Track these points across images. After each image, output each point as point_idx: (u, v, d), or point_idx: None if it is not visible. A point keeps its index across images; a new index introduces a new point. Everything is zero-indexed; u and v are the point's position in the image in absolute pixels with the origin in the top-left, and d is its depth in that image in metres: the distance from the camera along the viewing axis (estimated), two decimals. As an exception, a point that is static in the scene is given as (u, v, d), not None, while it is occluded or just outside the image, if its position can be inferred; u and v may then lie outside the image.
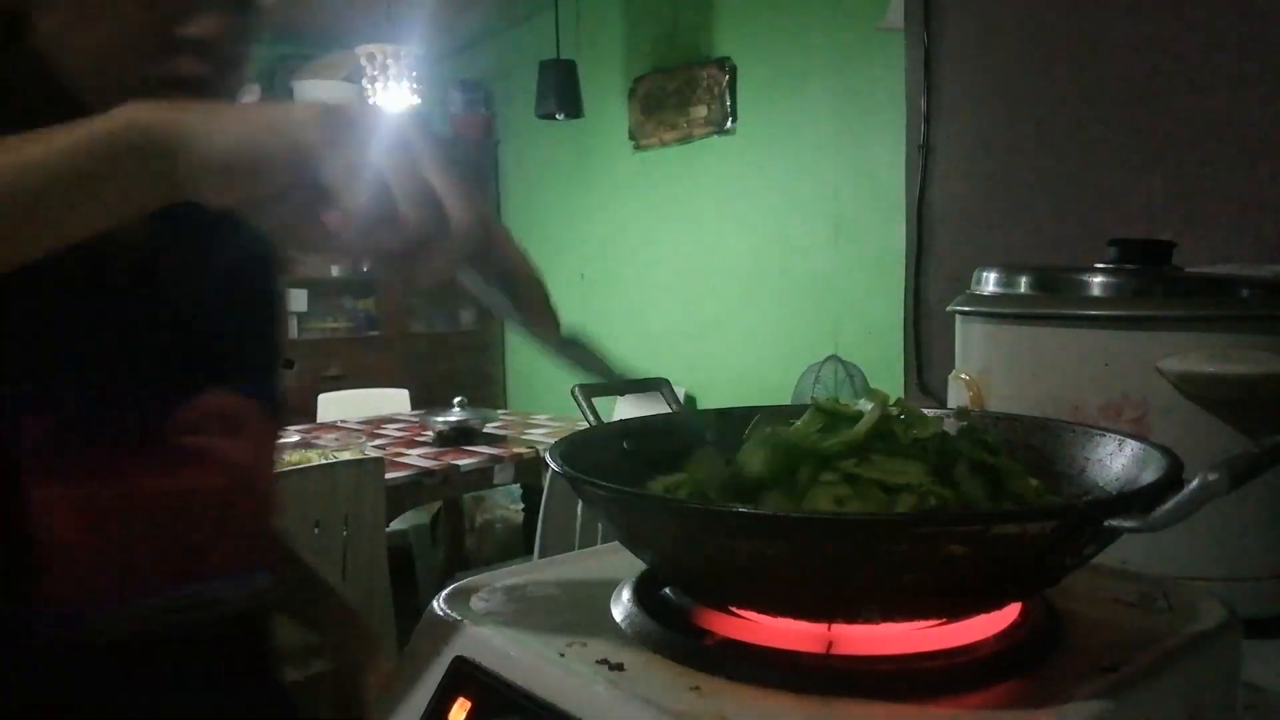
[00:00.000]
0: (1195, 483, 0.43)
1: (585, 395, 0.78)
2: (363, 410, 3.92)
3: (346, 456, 2.43)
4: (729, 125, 3.91)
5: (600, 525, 1.86)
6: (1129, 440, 0.58)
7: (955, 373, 0.91)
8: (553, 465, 0.56)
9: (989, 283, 0.89)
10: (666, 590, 0.59)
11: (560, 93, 3.86)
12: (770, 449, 0.54)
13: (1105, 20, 1.28)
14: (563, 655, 0.51)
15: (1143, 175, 1.24)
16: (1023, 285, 0.86)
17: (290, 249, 0.84)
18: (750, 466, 0.54)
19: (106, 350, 0.70)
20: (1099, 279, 0.80)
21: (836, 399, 0.60)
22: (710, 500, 0.54)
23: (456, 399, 3.13)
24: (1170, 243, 0.85)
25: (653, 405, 0.78)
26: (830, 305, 3.55)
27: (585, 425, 0.71)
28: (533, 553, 2.30)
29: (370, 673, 0.87)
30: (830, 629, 0.50)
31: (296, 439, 3.05)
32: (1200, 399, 0.75)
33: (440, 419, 3.08)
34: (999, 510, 0.52)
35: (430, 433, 3.13)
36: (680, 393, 0.89)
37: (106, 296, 0.71)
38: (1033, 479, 0.57)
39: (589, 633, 0.54)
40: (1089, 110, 1.31)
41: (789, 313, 3.72)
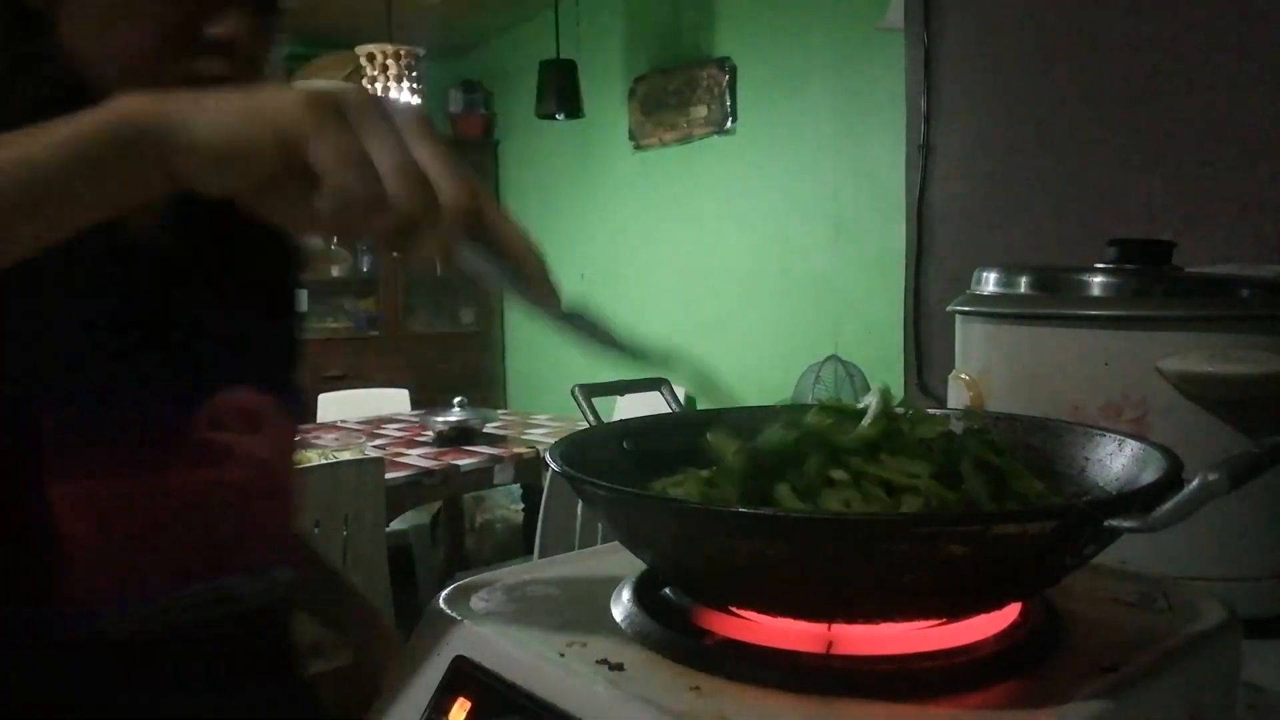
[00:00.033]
0: (1195, 483, 0.43)
1: (585, 395, 0.78)
2: (363, 410, 3.92)
3: (346, 456, 2.44)
4: (729, 125, 3.91)
5: (600, 525, 1.86)
6: (1129, 440, 0.58)
7: (955, 373, 0.91)
8: (553, 465, 0.56)
9: (989, 283, 0.89)
10: (666, 590, 0.59)
11: (560, 93, 3.86)
12: (786, 431, 0.54)
13: (1105, 20, 1.28)
14: (563, 655, 0.51)
15: (1143, 175, 1.24)
16: (1023, 285, 0.86)
17: (290, 233, 0.84)
18: (766, 443, 0.54)
19: (126, 347, 0.70)
20: (1099, 279, 0.80)
21: (838, 399, 0.60)
22: (716, 488, 0.54)
23: (456, 399, 3.13)
24: (1170, 243, 0.85)
25: (653, 405, 0.78)
26: (830, 305, 3.55)
27: (585, 425, 0.71)
28: (533, 553, 2.30)
29: (391, 671, 0.88)
30: (830, 629, 0.50)
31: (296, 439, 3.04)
32: (1200, 399, 0.75)
33: (440, 419, 3.08)
34: (999, 510, 0.52)
35: (430, 433, 3.13)
36: (680, 393, 0.88)
37: (126, 294, 0.72)
38: (1036, 481, 0.57)
39: (589, 633, 0.54)
40: (1089, 110, 1.31)
41: (789, 313, 3.72)
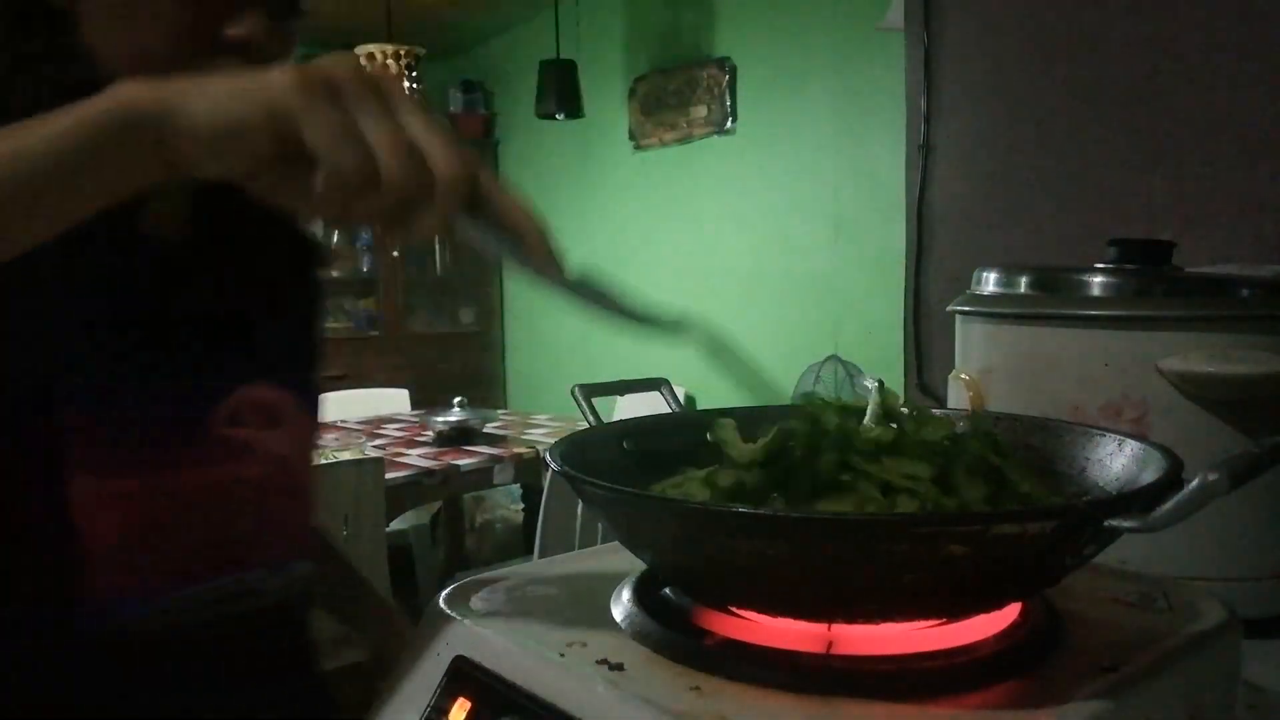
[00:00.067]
0: (1195, 483, 0.43)
1: (585, 395, 0.78)
2: (363, 410, 3.92)
3: (346, 456, 2.43)
4: (729, 125, 3.91)
5: (600, 525, 1.86)
6: (1129, 440, 0.58)
7: (955, 373, 0.91)
8: (553, 465, 0.56)
9: (989, 283, 0.89)
10: (666, 590, 0.59)
11: (560, 93, 3.86)
12: (801, 425, 0.54)
13: (1105, 20, 1.28)
14: (563, 655, 0.51)
15: (1143, 175, 1.24)
16: (1023, 285, 0.86)
17: (294, 218, 0.84)
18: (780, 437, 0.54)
19: (143, 344, 0.71)
20: (1099, 279, 0.80)
21: (839, 398, 0.60)
22: (716, 489, 0.54)
23: (456, 399, 3.13)
24: (1170, 243, 0.85)
25: (653, 405, 0.78)
26: (830, 305, 3.55)
27: (585, 425, 0.71)
28: (533, 553, 2.30)
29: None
30: (830, 629, 0.50)
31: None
32: (1200, 399, 0.75)
33: (440, 419, 3.08)
34: (999, 510, 0.52)
35: (430, 433, 3.13)
36: (680, 393, 0.89)
37: (146, 290, 0.72)
38: (1037, 483, 0.57)
39: (589, 633, 0.54)
40: (1089, 110, 1.31)
41: (789, 313, 3.72)
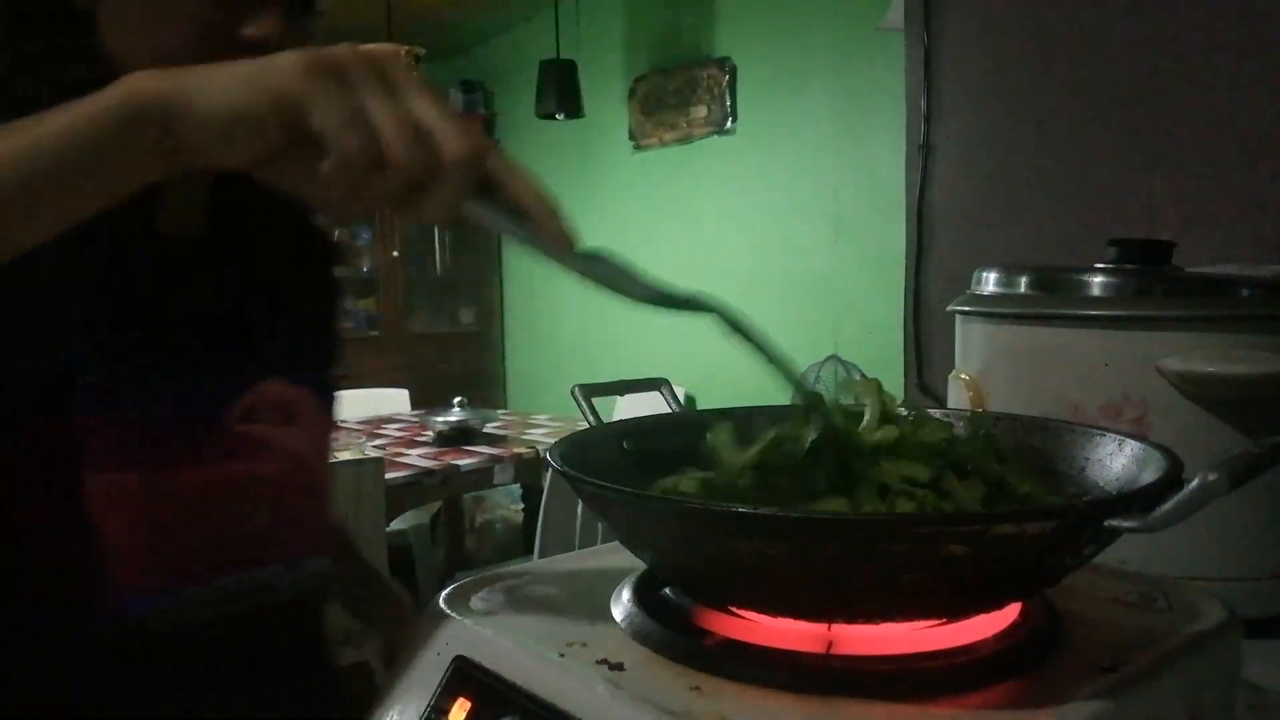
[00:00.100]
0: (1195, 483, 0.43)
1: (585, 395, 0.78)
2: (363, 410, 3.91)
3: (346, 456, 2.43)
4: (729, 125, 3.91)
5: (600, 525, 1.86)
6: (1129, 440, 0.58)
7: (955, 373, 0.91)
8: (553, 465, 0.56)
9: (989, 283, 0.89)
10: (666, 590, 0.59)
11: (560, 93, 3.86)
12: (801, 431, 0.54)
13: (1105, 20, 1.28)
14: (563, 655, 0.51)
15: (1143, 175, 1.24)
16: (1023, 285, 0.86)
17: (306, 206, 0.84)
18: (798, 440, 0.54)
19: (158, 341, 0.71)
20: (1099, 279, 0.80)
21: (838, 399, 0.60)
22: (716, 493, 0.54)
23: (456, 399, 3.13)
24: (1170, 243, 0.85)
25: (653, 405, 0.78)
26: (830, 305, 3.55)
27: (585, 425, 0.71)
28: (533, 553, 2.30)
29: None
30: (830, 629, 0.50)
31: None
32: (1200, 399, 0.75)
33: (440, 419, 3.08)
34: (999, 510, 0.52)
35: (430, 433, 3.13)
36: (680, 393, 0.89)
37: (163, 286, 0.72)
38: (1038, 485, 0.57)
39: (589, 633, 0.54)
40: (1089, 110, 1.31)
41: (789, 313, 3.71)
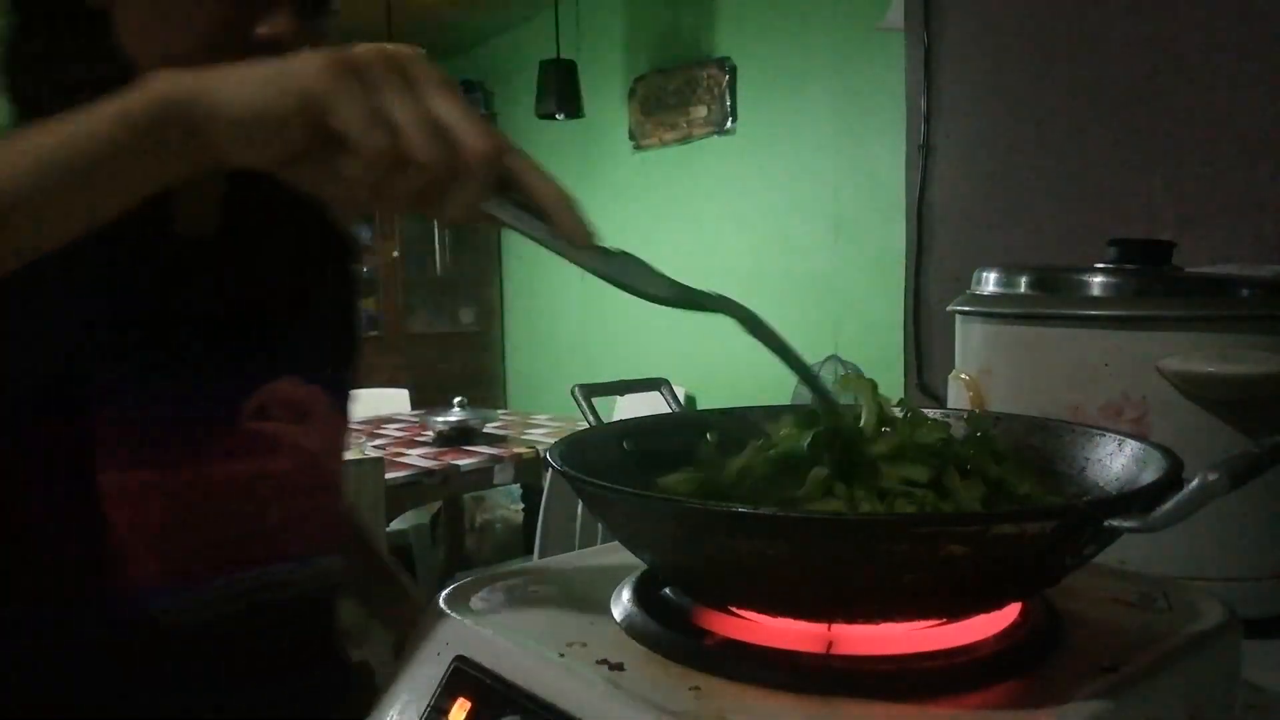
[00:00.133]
0: (1195, 483, 0.43)
1: (585, 395, 0.78)
2: (363, 410, 3.91)
3: (347, 456, 2.43)
4: (729, 125, 3.91)
5: (600, 525, 1.86)
6: (1129, 440, 0.58)
7: (955, 373, 0.91)
8: (553, 465, 0.56)
9: (989, 283, 0.89)
10: (666, 590, 0.59)
11: (560, 93, 3.86)
12: (800, 434, 0.54)
13: (1105, 20, 1.28)
14: (563, 655, 0.51)
15: (1143, 175, 1.24)
16: (1023, 285, 0.86)
17: (330, 206, 0.85)
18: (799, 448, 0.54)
19: (172, 339, 0.71)
20: (1099, 279, 0.80)
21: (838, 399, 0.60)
22: (720, 494, 0.54)
23: (456, 399, 3.13)
24: (1170, 243, 0.85)
25: (653, 405, 0.78)
26: (830, 305, 3.55)
27: (585, 425, 0.71)
28: (533, 553, 2.30)
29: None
30: (830, 629, 0.50)
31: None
32: (1200, 399, 0.75)
33: (440, 419, 3.08)
34: (999, 510, 0.52)
35: (430, 433, 3.13)
36: (680, 393, 0.89)
37: (174, 285, 0.72)
38: (1037, 485, 0.57)
39: (589, 633, 0.54)
40: (1089, 110, 1.31)
41: (789, 313, 3.71)
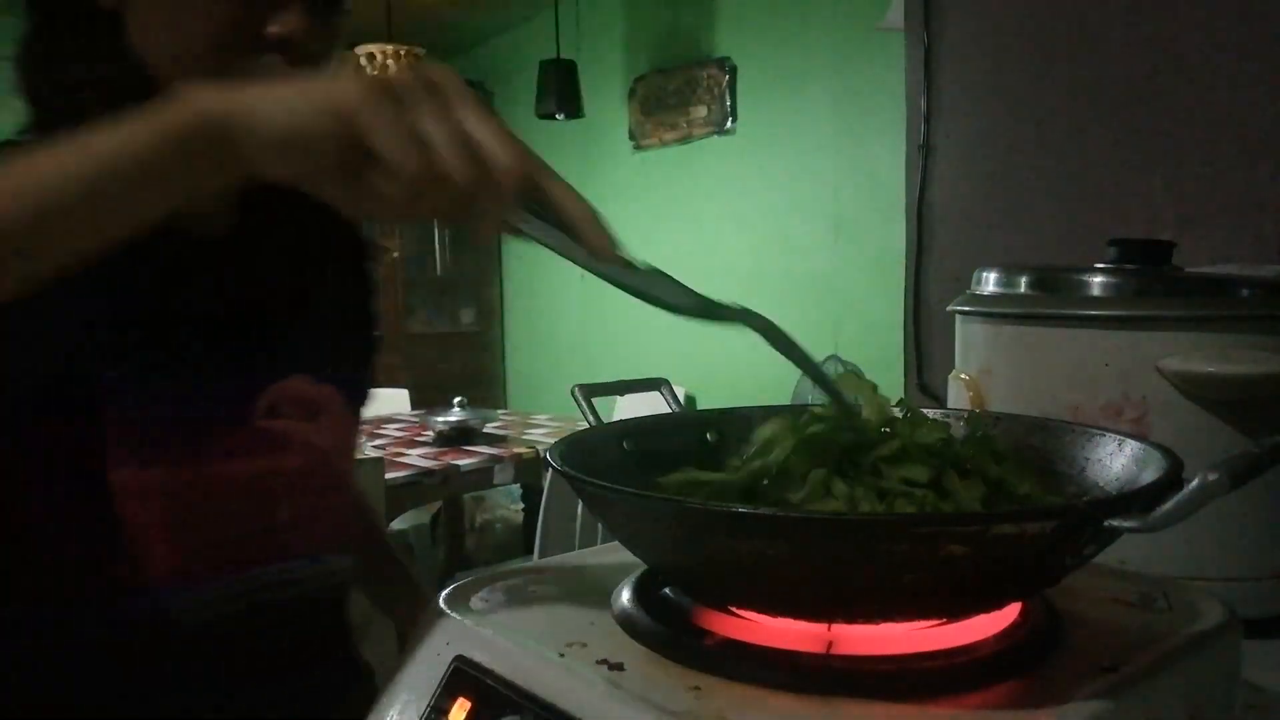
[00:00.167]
0: (1195, 483, 0.43)
1: (585, 395, 0.78)
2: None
3: (348, 456, 2.43)
4: (729, 125, 3.91)
5: (600, 525, 1.86)
6: (1129, 440, 0.58)
7: (955, 373, 0.91)
8: (553, 465, 0.56)
9: (989, 283, 0.89)
10: (666, 590, 0.59)
11: (560, 93, 3.86)
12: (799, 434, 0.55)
13: (1105, 20, 1.28)
14: (563, 655, 0.51)
15: (1143, 175, 1.24)
16: (1023, 285, 0.86)
17: (358, 219, 0.85)
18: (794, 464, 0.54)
19: (183, 338, 0.71)
20: (1099, 279, 0.80)
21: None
22: (721, 490, 0.54)
23: (456, 399, 3.13)
24: (1170, 243, 0.85)
25: (653, 405, 0.78)
26: (830, 305, 3.55)
27: (585, 425, 0.71)
28: (533, 553, 2.30)
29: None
30: (830, 629, 0.50)
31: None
32: (1200, 399, 0.75)
33: (440, 419, 3.08)
34: (999, 510, 0.52)
35: (430, 433, 3.13)
36: (680, 393, 0.89)
37: (194, 283, 0.72)
38: (1039, 485, 0.57)
39: (589, 633, 0.54)
40: (1089, 110, 1.31)
41: (789, 313, 3.70)
